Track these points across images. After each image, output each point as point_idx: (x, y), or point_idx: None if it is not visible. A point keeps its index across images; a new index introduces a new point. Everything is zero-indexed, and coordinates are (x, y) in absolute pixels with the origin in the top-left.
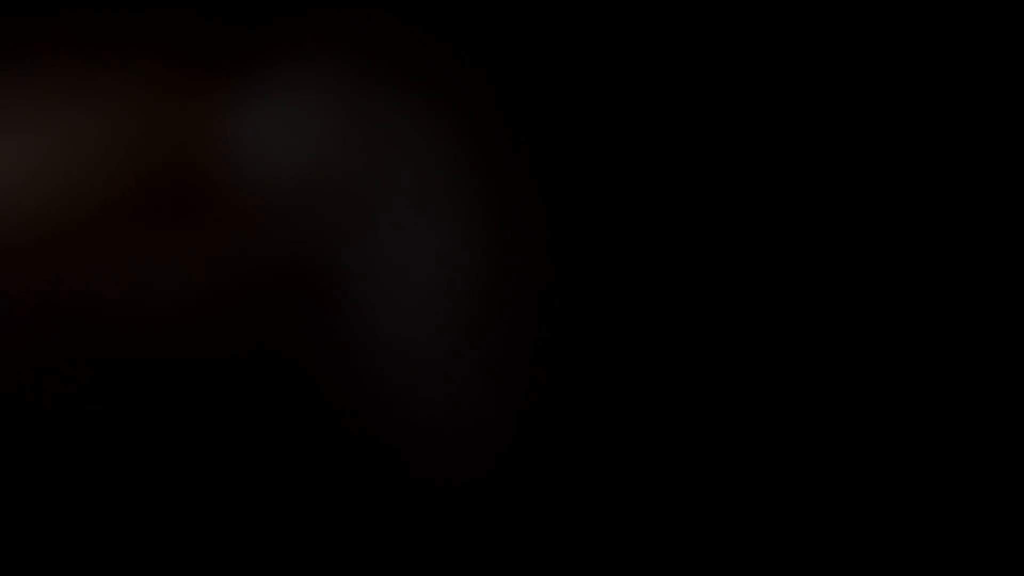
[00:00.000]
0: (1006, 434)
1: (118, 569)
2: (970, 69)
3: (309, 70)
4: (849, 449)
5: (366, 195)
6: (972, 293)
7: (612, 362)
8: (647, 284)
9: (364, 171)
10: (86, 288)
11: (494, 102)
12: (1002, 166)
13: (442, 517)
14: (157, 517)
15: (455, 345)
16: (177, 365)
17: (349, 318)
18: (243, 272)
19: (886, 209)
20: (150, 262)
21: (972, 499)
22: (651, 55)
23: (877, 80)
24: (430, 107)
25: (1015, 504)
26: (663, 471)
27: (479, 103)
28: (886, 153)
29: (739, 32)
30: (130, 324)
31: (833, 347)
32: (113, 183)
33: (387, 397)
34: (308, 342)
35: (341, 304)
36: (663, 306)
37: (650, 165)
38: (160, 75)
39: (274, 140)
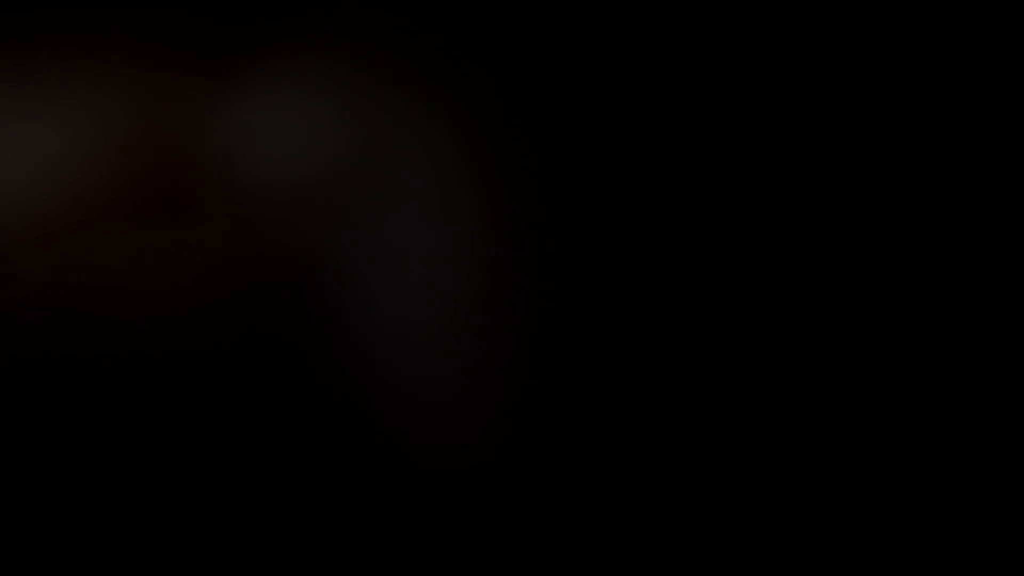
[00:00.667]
0: (1006, 434)
1: (117, 559)
2: (970, 69)
3: (306, 68)
4: (849, 450)
5: (363, 192)
6: (972, 293)
7: (612, 358)
8: (648, 283)
9: (361, 168)
10: (82, 284)
11: (493, 100)
12: (1002, 166)
13: (440, 509)
14: (154, 509)
15: (453, 342)
16: (174, 361)
17: (346, 316)
18: (239, 270)
19: (886, 209)
20: (146, 259)
21: (972, 499)
22: (653, 59)
23: (877, 80)
24: (427, 104)
25: (1015, 504)
26: (661, 467)
27: (478, 101)
28: (886, 153)
29: (740, 32)
30: (125, 320)
31: (834, 348)
32: (110, 180)
33: (386, 394)
34: (306, 339)
35: (338, 302)
36: (664, 305)
37: (653, 167)
38: (156, 73)
39: (271, 138)
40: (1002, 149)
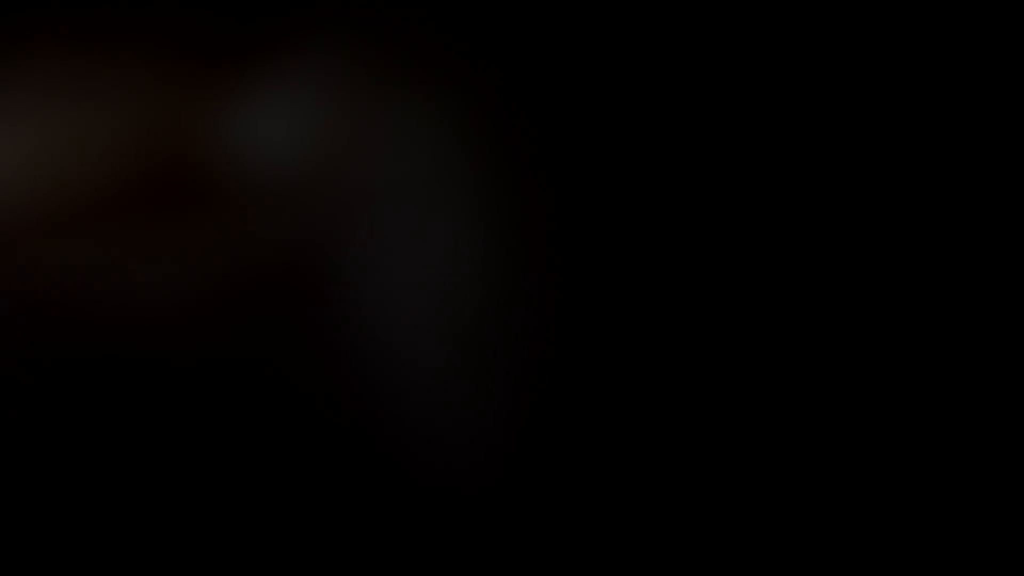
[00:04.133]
0: (1006, 434)
1: (99, 571)
2: (970, 69)
3: (309, 63)
4: (851, 453)
5: (366, 190)
6: (972, 293)
7: (616, 365)
8: (654, 287)
9: (364, 166)
10: (79, 283)
11: (497, 95)
12: (1002, 166)
13: (439, 523)
14: (143, 521)
15: (455, 346)
16: (169, 361)
17: (347, 316)
18: (240, 268)
19: (887, 209)
20: (145, 257)
21: (972, 499)
22: (659, 46)
23: (877, 80)
24: (432, 100)
25: (1015, 504)
26: (664, 477)
27: (482, 96)
28: (886, 153)
29: (745, 30)
30: (122, 320)
31: (836, 351)
32: (108, 177)
33: (384, 399)
34: (305, 341)
35: (339, 302)
36: (670, 311)
37: (661, 162)
38: (157, 69)
39: (273, 134)
40: (1002, 149)
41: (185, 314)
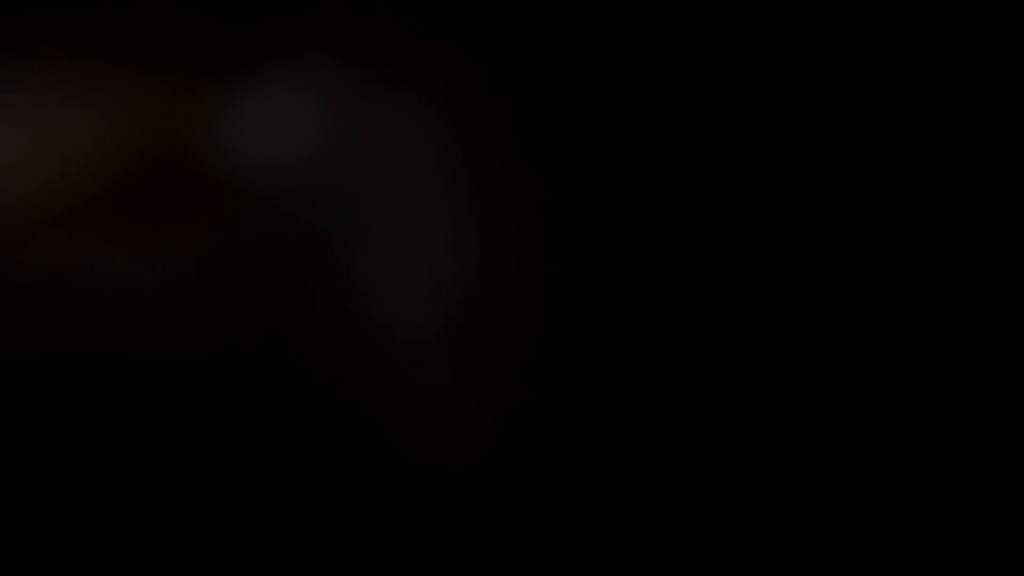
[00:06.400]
0: (1006, 434)
1: (101, 567)
2: (970, 69)
3: (306, 62)
4: (849, 452)
5: (362, 188)
6: (972, 293)
7: (610, 358)
8: (647, 282)
9: (361, 164)
10: (79, 281)
11: (494, 94)
12: (1002, 166)
13: (436, 511)
14: (144, 515)
15: (452, 340)
16: (166, 357)
17: (345, 312)
18: (237, 266)
19: (886, 209)
20: (143, 255)
21: (972, 499)
22: (656, 45)
23: (877, 80)
24: (428, 99)
25: (1015, 504)
26: (657, 467)
27: (478, 95)
28: (886, 153)
29: (743, 30)
30: (121, 317)
31: (834, 349)
32: (107, 176)
33: (382, 392)
34: (303, 336)
35: (336, 298)
36: (663, 304)
37: (656, 161)
38: (156, 69)
39: (270, 133)
40: (1002, 149)
41: (183, 310)
